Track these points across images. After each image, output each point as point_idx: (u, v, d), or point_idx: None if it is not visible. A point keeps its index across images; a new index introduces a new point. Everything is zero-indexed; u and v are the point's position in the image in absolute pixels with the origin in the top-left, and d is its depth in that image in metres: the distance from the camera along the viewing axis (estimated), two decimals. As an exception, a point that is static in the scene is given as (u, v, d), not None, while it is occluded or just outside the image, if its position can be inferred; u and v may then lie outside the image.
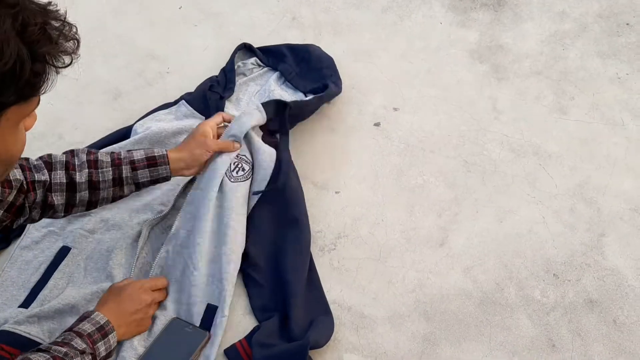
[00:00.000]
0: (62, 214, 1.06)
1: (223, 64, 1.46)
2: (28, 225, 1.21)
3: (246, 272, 1.14)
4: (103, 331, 0.97)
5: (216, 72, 1.45)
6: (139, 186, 1.10)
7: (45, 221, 1.21)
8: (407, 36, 1.55)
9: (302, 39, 1.54)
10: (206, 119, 1.33)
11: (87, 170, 1.04)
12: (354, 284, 1.14)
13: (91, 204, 1.07)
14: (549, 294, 1.11)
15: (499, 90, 1.42)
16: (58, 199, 1.02)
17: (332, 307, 1.11)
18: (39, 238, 1.20)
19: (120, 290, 1.05)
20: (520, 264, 1.15)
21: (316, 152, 1.33)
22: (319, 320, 1.08)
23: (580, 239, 1.18)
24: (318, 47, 1.47)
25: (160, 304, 1.11)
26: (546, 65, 1.45)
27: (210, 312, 1.10)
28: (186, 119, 1.37)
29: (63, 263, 1.17)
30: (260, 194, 1.21)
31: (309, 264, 1.15)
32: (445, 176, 1.28)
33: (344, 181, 1.29)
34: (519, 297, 1.11)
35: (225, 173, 1.21)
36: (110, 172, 1.06)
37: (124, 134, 1.35)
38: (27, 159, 1.02)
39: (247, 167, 1.24)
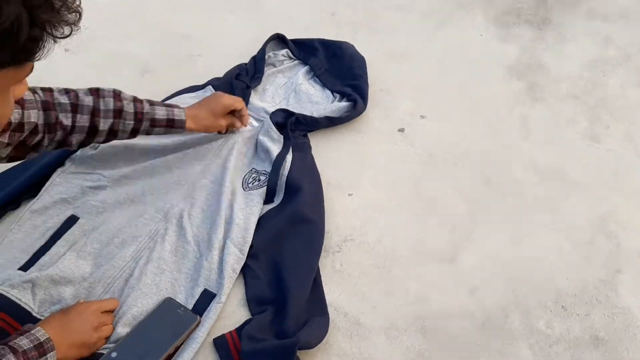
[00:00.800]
0: (75, 149, 1.12)
1: (254, 53, 1.44)
2: (42, 190, 1.22)
3: (246, 262, 1.13)
4: (41, 349, 0.90)
5: (247, 60, 1.44)
6: (149, 134, 1.16)
7: (59, 189, 1.22)
8: (445, 44, 1.52)
9: (337, 35, 1.51)
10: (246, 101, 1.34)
11: (111, 120, 1.07)
12: (354, 289, 1.11)
13: (103, 142, 1.13)
14: (554, 325, 1.06)
15: (532, 110, 1.37)
16: (77, 139, 1.06)
17: (329, 309, 1.08)
18: (50, 204, 1.20)
19: (68, 309, 1.00)
20: (528, 291, 1.11)
21: (335, 150, 1.31)
22: (314, 320, 1.06)
23: (595, 273, 1.13)
24: (352, 45, 1.45)
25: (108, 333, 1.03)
26: (584, 89, 1.40)
27: (207, 297, 1.08)
28: None
29: (69, 232, 1.16)
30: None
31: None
32: (464, 191, 1.24)
33: (359, 183, 1.26)
34: (523, 325, 1.07)
35: (242, 184, 1.22)
36: (132, 125, 1.10)
37: None
38: (51, 92, 1.02)
39: (263, 178, 1.23)
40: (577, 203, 1.22)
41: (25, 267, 1.11)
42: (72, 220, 1.18)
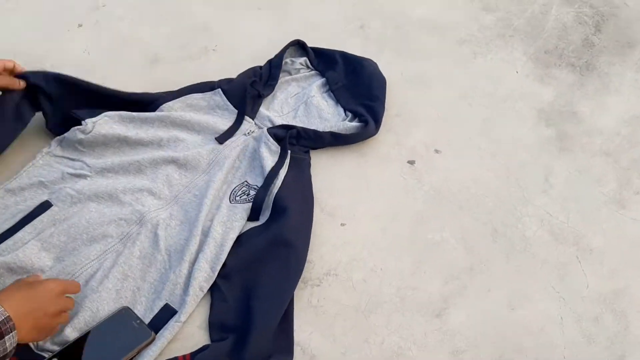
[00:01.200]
0: None
1: (271, 55, 1.35)
2: (22, 169, 1.15)
3: (215, 281, 1.04)
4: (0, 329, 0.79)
5: (262, 62, 1.35)
6: None
7: (39, 171, 1.15)
8: (475, 75, 1.40)
9: (363, 50, 1.42)
10: (240, 112, 1.25)
11: None
12: (327, 330, 1.02)
13: None
14: (540, 409, 0.95)
15: (558, 161, 1.25)
16: None
17: (295, 348, 0.99)
18: (27, 185, 1.14)
19: (31, 286, 0.90)
20: (518, 362, 1.00)
21: (334, 173, 1.22)
22: (276, 357, 0.97)
23: (597, 355, 1.01)
24: (375, 63, 1.35)
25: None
26: (619, 148, 1.27)
27: (167, 312, 1.00)
28: (217, 111, 1.27)
29: (38, 218, 1.10)
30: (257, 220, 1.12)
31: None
32: (467, 240, 1.14)
33: (354, 213, 1.16)
34: (506, 402, 0.96)
35: (230, 195, 1.14)
36: None
37: (150, 100, 1.28)
38: None
39: (252, 193, 1.14)
40: (588, 272, 1.10)
41: None
42: (44, 207, 1.11)
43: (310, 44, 1.38)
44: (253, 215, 1.11)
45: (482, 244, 1.13)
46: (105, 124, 1.20)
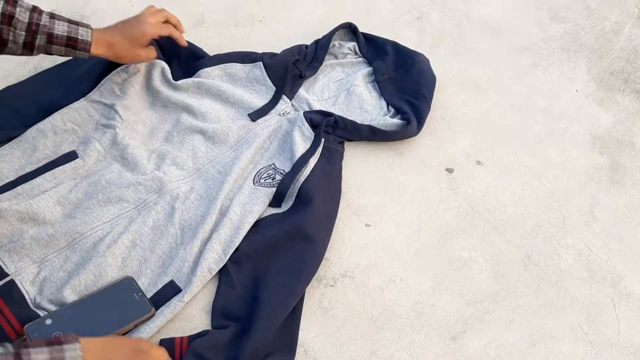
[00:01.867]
0: None
1: (319, 35, 1.28)
2: (58, 111, 1.12)
3: (225, 265, 0.99)
4: None
5: (309, 41, 1.29)
6: (50, 53, 1.02)
7: (74, 115, 1.13)
8: (531, 88, 1.32)
9: (416, 44, 1.34)
10: (278, 91, 1.19)
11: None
12: (334, 335, 0.96)
13: None
14: None
15: (606, 193, 1.16)
16: None
17: (297, 349, 0.94)
18: (60, 130, 1.11)
19: (134, 348, 0.80)
20: (532, 405, 0.93)
21: (366, 170, 1.15)
22: (276, 356, 0.91)
23: (618, 412, 0.94)
24: (427, 59, 1.27)
25: None
26: (676, 189, 1.18)
27: (171, 289, 0.96)
28: (254, 85, 1.22)
29: (61, 168, 1.07)
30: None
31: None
32: (496, 263, 1.06)
33: (381, 216, 1.10)
34: None
35: (254, 177, 1.08)
36: (23, 36, 0.97)
37: (196, 55, 1.24)
38: None
39: (278, 178, 1.08)
40: (622, 318, 1.02)
41: (3, 188, 1.03)
42: (70, 157, 1.09)
43: (361, 29, 1.30)
44: (275, 201, 1.06)
45: (512, 270, 1.06)
46: (150, 70, 1.18)
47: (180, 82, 1.18)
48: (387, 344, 0.96)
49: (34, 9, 0.98)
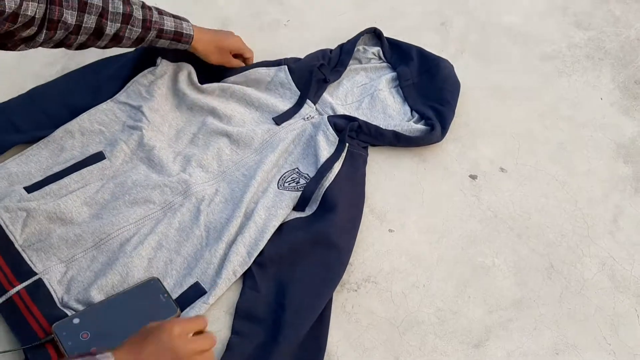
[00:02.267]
0: (73, 49, 1.02)
1: (344, 39, 1.29)
2: (86, 112, 1.14)
3: (250, 267, 0.99)
4: None
5: (334, 45, 1.29)
6: (153, 45, 1.10)
7: (101, 117, 1.14)
8: (555, 95, 1.31)
9: (440, 49, 1.34)
10: (302, 95, 1.20)
11: (119, 24, 1.00)
12: (357, 340, 0.96)
13: (103, 48, 1.05)
14: None
15: (631, 204, 1.16)
16: (79, 40, 0.99)
17: (320, 353, 0.94)
18: (87, 131, 1.13)
19: (148, 332, 0.77)
20: (555, 414, 0.93)
21: (390, 175, 1.15)
22: None
23: None
24: (451, 65, 1.26)
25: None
26: (702, 200, 1.17)
27: (196, 291, 0.97)
28: (279, 89, 1.23)
29: (88, 168, 1.08)
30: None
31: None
32: (520, 270, 1.06)
33: (404, 221, 1.10)
34: None
35: (278, 181, 1.09)
36: (139, 32, 1.04)
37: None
38: None
39: (302, 182, 1.09)
40: (647, 330, 1.02)
41: (31, 188, 1.05)
42: (97, 157, 1.10)
43: (386, 33, 1.31)
44: (300, 205, 1.06)
45: (536, 278, 1.05)
46: (176, 72, 1.19)
47: (205, 85, 1.19)
48: (410, 350, 0.96)
49: (144, 6, 1.04)
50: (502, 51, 1.38)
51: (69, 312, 0.92)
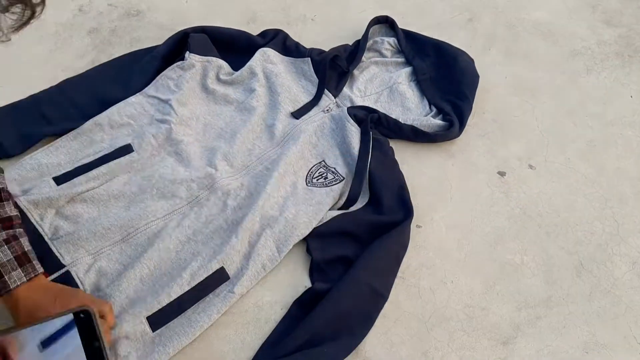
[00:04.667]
0: None
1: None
2: (115, 105, 1.15)
3: (319, 266, 1.01)
4: None
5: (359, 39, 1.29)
6: None
7: (130, 110, 1.14)
8: (584, 93, 1.30)
9: (468, 45, 1.33)
10: (320, 88, 1.19)
11: None
12: (385, 336, 0.96)
13: None
14: None
15: (662, 202, 1.14)
16: None
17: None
18: (116, 124, 1.13)
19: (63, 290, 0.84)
20: (585, 414, 0.92)
21: (417, 171, 1.15)
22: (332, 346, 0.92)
23: None
24: (470, 59, 1.25)
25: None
26: None
27: (219, 275, 0.96)
28: (302, 80, 1.23)
29: (116, 161, 1.09)
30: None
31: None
32: (549, 268, 1.05)
33: (433, 217, 1.09)
34: None
35: (306, 177, 1.09)
36: None
37: (251, 42, 1.26)
38: None
39: (330, 177, 1.09)
40: (678, 330, 1.00)
41: (60, 179, 1.05)
42: (125, 150, 1.10)
43: (413, 29, 1.30)
44: (345, 206, 1.06)
45: (565, 276, 1.04)
46: (203, 68, 1.19)
47: (235, 75, 1.19)
48: (438, 345, 0.96)
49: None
50: (531, 48, 1.37)
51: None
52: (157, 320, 0.90)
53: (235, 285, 0.95)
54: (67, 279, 0.94)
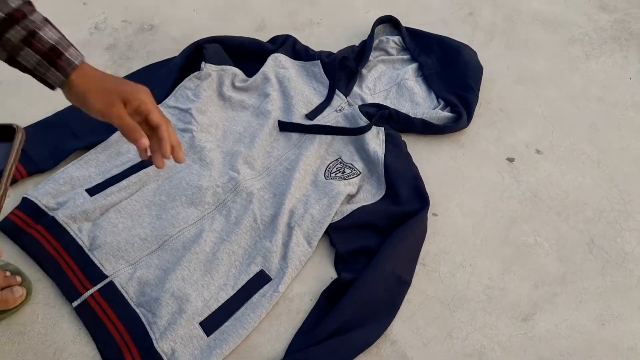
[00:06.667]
0: None
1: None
2: None
3: (345, 261, 1.06)
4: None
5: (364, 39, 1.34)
6: (12, 58, 0.74)
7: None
8: (585, 78, 1.35)
9: (470, 38, 1.38)
10: (331, 89, 1.24)
11: None
12: (410, 319, 1.01)
13: None
14: None
15: (666, 178, 1.19)
16: None
17: (377, 332, 0.99)
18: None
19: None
20: (605, 381, 0.97)
21: (430, 162, 1.20)
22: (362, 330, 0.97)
23: (690, 387, 0.97)
24: (473, 52, 1.31)
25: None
26: None
27: (261, 278, 1.02)
28: (313, 82, 1.28)
29: (145, 170, 1.14)
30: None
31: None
32: (561, 247, 1.10)
33: (448, 205, 1.14)
34: (588, 418, 0.93)
35: (324, 172, 1.15)
36: None
37: (262, 49, 1.31)
38: None
39: (347, 171, 1.15)
40: (689, 298, 1.05)
41: (93, 190, 1.10)
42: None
43: (414, 26, 1.35)
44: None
45: (578, 254, 1.09)
46: (219, 77, 1.24)
47: (249, 81, 1.25)
48: (461, 326, 1.01)
49: (29, 3, 0.75)
50: (530, 37, 1.42)
51: (142, 311, 0.97)
52: (210, 324, 0.96)
53: (279, 284, 1.01)
54: (111, 289, 0.99)
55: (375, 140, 1.18)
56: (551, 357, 0.98)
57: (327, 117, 1.22)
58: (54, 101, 1.19)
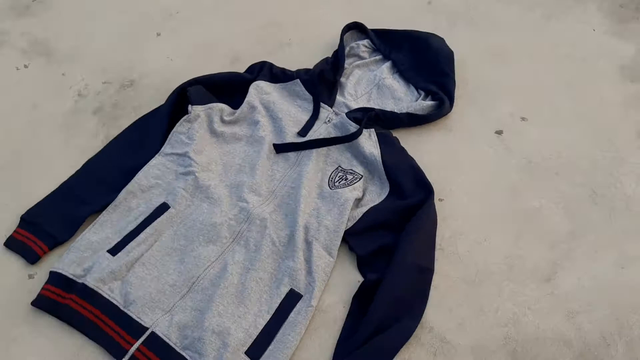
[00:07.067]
0: None
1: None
2: (140, 171, 1.22)
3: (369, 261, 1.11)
4: None
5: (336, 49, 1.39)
6: None
7: (154, 172, 1.22)
8: (551, 39, 1.40)
9: (434, 26, 1.43)
10: (316, 102, 1.30)
11: None
12: (440, 304, 1.05)
13: None
14: (664, 363, 0.96)
15: (648, 117, 1.24)
16: None
17: (413, 323, 1.03)
18: (146, 187, 1.21)
19: None
20: (636, 320, 1.01)
21: (423, 151, 1.24)
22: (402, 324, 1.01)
23: None
24: (441, 39, 1.36)
25: None
26: None
27: (293, 297, 1.06)
28: (297, 101, 1.33)
29: (158, 220, 1.17)
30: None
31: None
32: (566, 204, 1.15)
33: (451, 188, 1.19)
34: (627, 358, 0.98)
35: (328, 182, 1.19)
36: None
37: (242, 79, 1.35)
38: None
39: (350, 177, 1.19)
40: (695, 225, 1.10)
41: (114, 250, 1.13)
42: (163, 208, 1.18)
43: (380, 26, 1.40)
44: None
45: (583, 207, 1.14)
46: (208, 116, 1.28)
47: (237, 113, 1.29)
48: (490, 299, 1.05)
49: None
50: (490, 13, 1.47)
51: (189, 354, 1.00)
52: (255, 351, 1.00)
53: (311, 299, 1.05)
54: (155, 339, 1.02)
55: (369, 142, 1.22)
56: (580, 309, 1.03)
57: (319, 131, 1.27)
58: (54, 174, 1.23)
